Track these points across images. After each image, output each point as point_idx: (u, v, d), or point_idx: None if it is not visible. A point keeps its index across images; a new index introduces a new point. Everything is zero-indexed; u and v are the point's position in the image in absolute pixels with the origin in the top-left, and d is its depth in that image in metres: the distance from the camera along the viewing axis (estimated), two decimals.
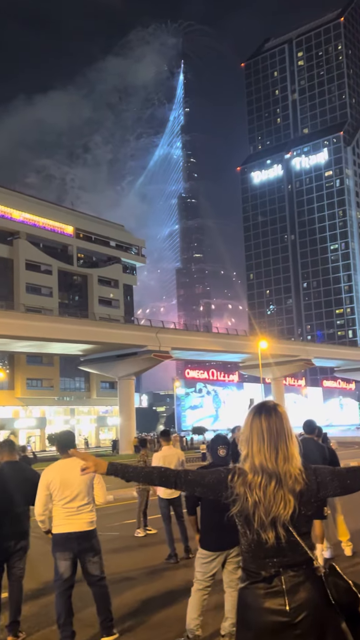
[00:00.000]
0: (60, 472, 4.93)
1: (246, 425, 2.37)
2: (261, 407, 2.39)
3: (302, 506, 2.23)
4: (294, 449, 2.31)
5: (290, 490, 2.22)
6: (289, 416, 2.39)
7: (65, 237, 69.66)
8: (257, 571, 2.22)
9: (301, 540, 2.22)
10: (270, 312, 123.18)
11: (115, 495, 17.50)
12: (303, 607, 2.13)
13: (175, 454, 8.62)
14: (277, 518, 2.20)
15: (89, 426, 70.98)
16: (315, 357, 64.82)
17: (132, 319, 67.04)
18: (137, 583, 7.02)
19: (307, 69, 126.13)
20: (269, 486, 2.22)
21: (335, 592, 2.18)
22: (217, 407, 67.08)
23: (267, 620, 2.15)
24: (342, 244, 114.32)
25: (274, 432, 2.29)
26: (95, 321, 50.26)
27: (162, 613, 5.75)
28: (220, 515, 4.65)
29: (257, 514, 2.21)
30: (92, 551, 4.93)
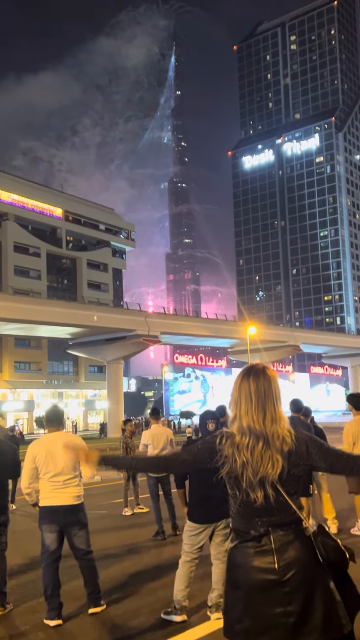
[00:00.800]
0: (46, 446, 4.94)
1: (235, 387, 2.38)
2: (250, 370, 2.39)
3: (291, 466, 2.25)
4: (281, 411, 2.33)
5: (278, 450, 2.24)
6: (277, 378, 2.39)
7: (54, 220, 69.10)
8: (247, 530, 2.24)
9: (290, 500, 2.23)
10: (259, 298, 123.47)
11: (103, 476, 17.59)
12: (291, 565, 2.15)
13: (164, 432, 8.63)
14: (266, 478, 2.22)
15: (77, 410, 71.04)
16: (303, 343, 65.21)
17: (121, 303, 66.88)
18: (124, 558, 7.07)
19: (299, 53, 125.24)
20: (257, 447, 2.24)
21: (324, 551, 2.20)
22: (205, 392, 67.38)
23: (256, 578, 2.16)
24: (332, 231, 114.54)
25: (262, 393, 2.30)
26: (84, 304, 50.09)
27: (150, 585, 5.80)
28: (209, 488, 4.70)
29: (246, 474, 2.24)
30: (78, 525, 4.94)
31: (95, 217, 74.42)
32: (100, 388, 64.53)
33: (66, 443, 4.91)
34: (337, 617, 2.14)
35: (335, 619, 2.14)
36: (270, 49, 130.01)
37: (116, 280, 78.22)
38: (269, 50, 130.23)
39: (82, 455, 2.48)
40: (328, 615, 2.13)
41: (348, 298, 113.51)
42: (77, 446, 4.95)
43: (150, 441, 8.45)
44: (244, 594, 2.18)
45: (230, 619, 2.23)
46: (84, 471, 5.07)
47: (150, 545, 7.77)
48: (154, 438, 8.45)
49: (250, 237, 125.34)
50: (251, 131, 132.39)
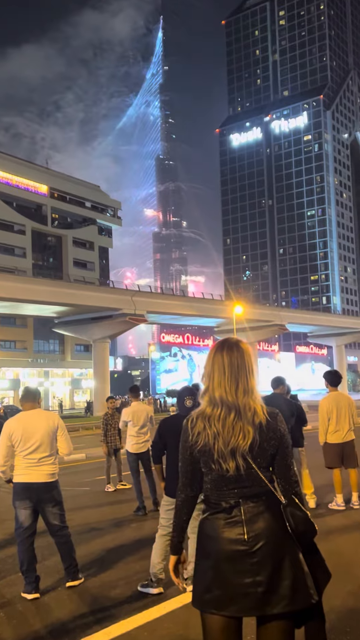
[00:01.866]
0: (22, 423, 4.92)
1: (208, 360, 2.39)
2: (223, 343, 2.40)
3: (263, 439, 2.26)
4: (254, 383, 2.33)
5: (250, 422, 2.26)
6: (252, 352, 2.40)
7: (40, 197, 68.21)
8: (218, 502, 2.27)
9: (260, 472, 2.26)
10: (246, 278, 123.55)
11: (87, 453, 17.68)
12: (261, 536, 2.18)
13: (144, 409, 8.70)
14: (237, 448, 2.23)
15: (63, 388, 71.11)
16: (289, 323, 65.53)
17: (108, 282, 66.52)
18: (104, 533, 7.14)
19: (288, 29, 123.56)
20: (228, 417, 2.26)
21: (293, 522, 2.22)
22: (192, 371, 67.68)
23: (226, 548, 2.19)
24: (319, 210, 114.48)
25: (235, 366, 2.31)
26: (70, 283, 49.72)
27: (128, 559, 5.88)
28: None
29: (217, 445, 2.24)
30: (52, 502, 4.94)
31: (81, 195, 73.58)
32: (87, 367, 64.55)
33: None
34: (305, 587, 2.18)
35: (303, 589, 2.17)
36: (259, 24, 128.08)
37: (102, 258, 77.70)
38: (258, 25, 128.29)
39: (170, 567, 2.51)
40: (296, 585, 2.16)
41: (334, 278, 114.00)
42: (54, 424, 4.99)
43: (130, 418, 8.53)
44: (214, 564, 2.20)
45: (199, 588, 2.25)
46: (61, 448, 5.07)
47: (131, 520, 7.85)
48: (134, 415, 8.53)
49: (237, 216, 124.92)
50: (239, 108, 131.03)
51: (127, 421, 8.55)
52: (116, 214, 79.77)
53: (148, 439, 8.52)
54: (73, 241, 71.44)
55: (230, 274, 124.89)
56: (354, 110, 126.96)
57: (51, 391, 68.67)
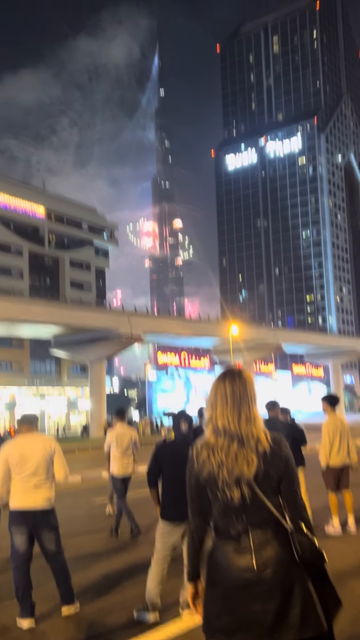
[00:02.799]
0: (19, 448, 4.93)
1: (212, 390, 2.43)
2: (226, 373, 2.44)
3: (267, 466, 2.28)
4: (256, 411, 2.37)
5: (253, 450, 2.28)
6: (254, 380, 2.44)
7: (37, 219, 68.64)
8: (226, 529, 2.28)
9: (266, 500, 2.26)
10: (242, 298, 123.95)
11: (83, 476, 17.57)
12: (269, 564, 2.19)
13: (127, 433, 8.73)
14: (241, 477, 2.25)
15: (59, 410, 70.65)
16: (285, 343, 65.63)
17: (104, 303, 66.70)
18: (100, 558, 7.10)
19: (282, 55, 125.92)
20: (231, 447, 2.28)
21: (300, 550, 2.22)
22: (188, 391, 67.51)
23: (235, 576, 2.20)
24: (314, 231, 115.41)
25: (237, 395, 2.34)
26: (67, 304, 49.90)
27: (124, 584, 5.85)
28: (180, 486, 4.75)
29: (221, 474, 2.27)
30: (48, 527, 4.92)
31: (78, 216, 74.08)
32: (83, 387, 64.28)
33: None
34: (315, 615, 2.17)
35: (313, 617, 2.17)
36: (253, 50, 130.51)
37: (99, 279, 77.93)
38: (252, 51, 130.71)
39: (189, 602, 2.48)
40: (305, 613, 2.16)
41: (330, 298, 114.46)
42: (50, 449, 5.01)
43: (114, 441, 8.57)
44: (223, 592, 2.21)
45: (209, 615, 2.26)
46: (58, 473, 5.06)
47: (127, 544, 7.82)
48: (117, 438, 8.57)
49: (233, 237, 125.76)
50: (234, 131, 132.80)
51: (110, 443, 8.60)
52: (113, 235, 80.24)
53: (132, 462, 8.58)
54: (70, 262, 71.70)
55: (227, 293, 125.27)
56: (348, 134, 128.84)
57: (47, 412, 68.25)
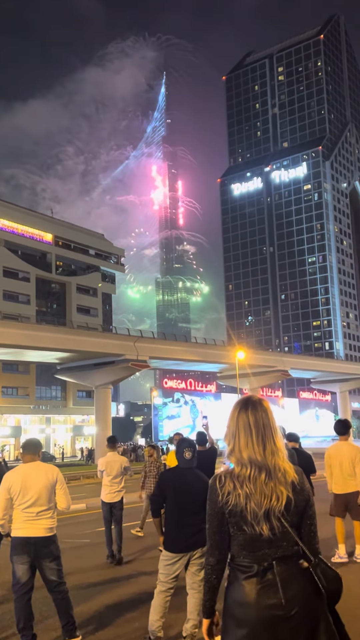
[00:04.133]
0: (21, 477, 4.90)
1: (232, 419, 2.35)
2: (247, 402, 2.37)
3: (295, 498, 2.23)
4: (280, 443, 2.31)
5: (281, 482, 2.22)
6: (272, 410, 2.39)
7: (44, 245, 69.36)
8: (250, 565, 2.18)
9: (293, 532, 2.21)
10: (248, 323, 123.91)
11: (88, 504, 17.40)
12: (296, 600, 2.10)
13: (118, 460, 8.90)
14: (270, 510, 2.18)
15: (64, 435, 70.33)
16: (292, 368, 65.29)
17: (111, 328, 66.82)
18: (104, 588, 7.00)
19: (287, 84, 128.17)
20: (259, 478, 2.21)
21: (325, 581, 2.16)
22: (195, 417, 66.99)
23: (263, 615, 2.09)
24: (320, 257, 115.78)
25: (261, 426, 2.28)
26: (73, 329, 49.96)
27: (127, 616, 5.76)
28: (185, 516, 4.73)
29: (249, 506, 2.18)
30: (49, 557, 4.87)
31: (85, 242, 74.81)
32: (89, 413, 64.02)
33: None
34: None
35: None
36: (259, 80, 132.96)
37: (105, 304, 78.32)
38: (257, 80, 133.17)
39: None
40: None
41: (336, 323, 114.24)
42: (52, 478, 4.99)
43: (104, 468, 8.75)
44: (250, 631, 2.09)
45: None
46: (60, 502, 5.02)
47: (131, 574, 7.71)
48: (107, 465, 8.75)
49: (239, 263, 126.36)
50: (240, 159, 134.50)
51: (102, 470, 8.78)
52: (119, 261, 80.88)
53: (121, 490, 8.79)
54: (77, 288, 72.19)
55: (233, 319, 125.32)
56: (353, 161, 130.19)
57: (53, 438, 67.94)
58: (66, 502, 5.05)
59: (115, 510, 8.69)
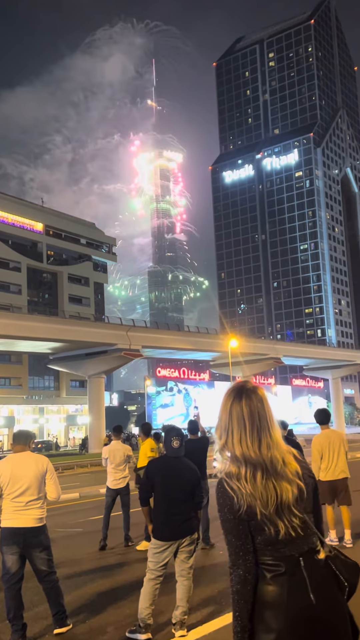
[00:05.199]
0: (11, 466, 4.90)
1: (224, 409, 2.14)
2: (241, 390, 2.16)
3: (304, 486, 2.09)
4: (277, 435, 2.13)
5: (283, 476, 2.06)
6: (268, 398, 2.20)
7: (35, 234, 68.97)
8: (276, 564, 2.01)
9: (311, 522, 2.08)
10: (241, 311, 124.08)
11: (81, 493, 17.46)
12: (325, 597, 1.98)
13: (121, 448, 9.12)
14: (280, 506, 2.02)
15: (58, 425, 70.43)
16: (285, 356, 65.53)
17: (103, 317, 66.68)
18: (95, 576, 7.05)
19: (278, 70, 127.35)
20: (257, 477, 2.04)
21: (346, 572, 2.04)
22: (188, 405, 67.20)
23: (295, 615, 1.94)
24: (312, 244, 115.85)
25: (256, 417, 2.09)
26: (65, 319, 49.81)
27: (117, 603, 5.80)
28: (173, 505, 4.75)
29: (258, 506, 2.01)
30: (39, 547, 4.89)
31: (76, 232, 74.44)
32: (82, 403, 64.13)
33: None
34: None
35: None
36: (249, 66, 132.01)
37: (98, 294, 78.11)
38: (248, 67, 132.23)
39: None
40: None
41: (328, 310, 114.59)
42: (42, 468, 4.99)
43: (107, 455, 9.05)
44: (280, 635, 1.94)
45: None
46: (50, 492, 5.02)
47: (123, 562, 7.76)
48: (110, 453, 9.02)
49: (231, 251, 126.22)
50: (231, 146, 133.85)
51: (105, 458, 9.07)
52: (111, 250, 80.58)
53: (125, 476, 9.07)
54: (68, 277, 71.91)
55: (225, 307, 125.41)
56: (344, 147, 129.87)
57: (46, 428, 67.99)
58: (56, 492, 5.04)
59: (122, 496, 9.00)
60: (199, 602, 5.48)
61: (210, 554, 7.80)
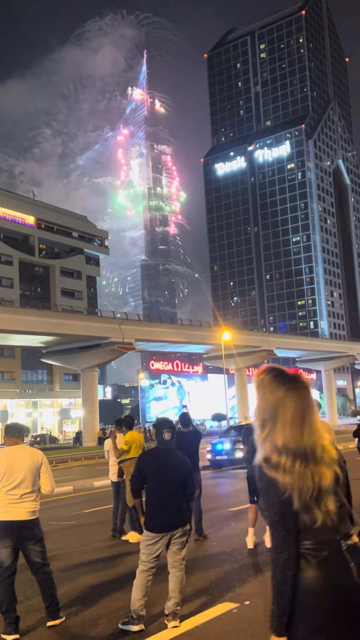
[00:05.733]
0: (6, 458, 4.89)
1: (265, 395, 2.08)
2: (284, 377, 2.09)
3: (341, 472, 2.09)
4: (317, 421, 2.11)
5: (322, 460, 2.04)
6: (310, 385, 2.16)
7: (27, 228, 68.62)
8: (319, 550, 1.99)
9: (349, 507, 2.08)
10: (234, 304, 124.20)
11: (75, 486, 17.48)
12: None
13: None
14: (319, 492, 2.01)
15: (52, 419, 70.40)
16: (277, 348, 65.70)
17: (96, 311, 66.59)
18: (89, 568, 7.06)
19: (269, 62, 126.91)
20: (295, 466, 2.01)
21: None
22: (182, 398, 67.39)
23: (344, 600, 1.91)
24: (304, 236, 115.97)
25: (301, 409, 2.05)
26: (57, 313, 49.67)
27: (110, 595, 5.81)
28: (165, 497, 4.75)
29: (296, 495, 2.00)
30: (33, 539, 4.90)
31: (68, 225, 74.10)
32: (76, 396, 64.09)
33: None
34: None
35: None
36: (241, 57, 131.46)
37: (90, 287, 77.91)
38: (239, 58, 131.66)
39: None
40: None
41: (321, 302, 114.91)
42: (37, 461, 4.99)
43: (109, 448, 9.19)
44: (328, 624, 1.90)
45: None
46: (44, 485, 5.03)
47: (116, 555, 7.78)
48: (113, 446, 9.05)
49: (224, 244, 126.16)
50: (223, 138, 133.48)
51: (107, 451, 9.25)
52: (103, 243, 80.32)
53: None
54: (61, 271, 71.65)
55: (218, 300, 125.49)
56: (335, 139, 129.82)
57: (40, 422, 67.95)
58: (50, 486, 5.05)
59: (121, 489, 9.03)
60: (192, 593, 5.51)
61: (202, 545, 7.83)
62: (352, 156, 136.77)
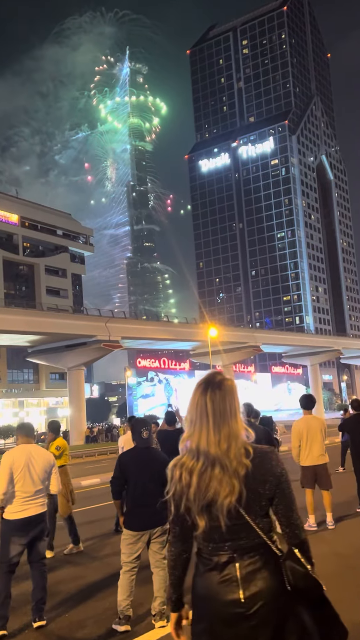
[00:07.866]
0: (24, 455, 5.06)
1: (192, 402, 2.15)
2: (207, 383, 2.15)
3: (255, 486, 2.03)
4: (237, 428, 2.08)
5: (233, 472, 2.02)
6: (235, 388, 2.16)
7: (10, 226, 68.00)
8: (210, 557, 2.04)
9: (255, 523, 2.02)
10: (220, 300, 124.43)
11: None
12: (259, 596, 1.95)
13: None
14: (217, 503, 2.00)
15: (38, 418, 69.97)
16: (264, 344, 65.96)
17: (82, 309, 66.22)
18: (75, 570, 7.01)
19: (251, 58, 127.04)
20: (205, 471, 2.04)
21: (292, 579, 1.97)
22: (169, 395, 67.35)
23: (221, 611, 1.97)
24: (289, 232, 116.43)
25: (218, 411, 2.07)
26: (43, 311, 49.35)
27: (99, 596, 5.78)
28: (144, 496, 4.72)
29: (191, 498, 2.04)
30: (44, 531, 5.14)
31: (52, 223, 73.59)
32: (63, 395, 63.80)
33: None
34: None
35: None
36: (223, 53, 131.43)
37: (75, 285, 77.50)
38: (222, 54, 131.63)
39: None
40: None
41: (306, 298, 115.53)
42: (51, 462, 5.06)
43: (123, 444, 9.16)
44: (209, 627, 1.99)
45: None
46: (53, 485, 5.24)
47: (106, 555, 7.72)
48: (126, 443, 9.00)
49: (209, 240, 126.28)
50: (207, 135, 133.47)
51: (122, 447, 9.17)
52: (88, 241, 79.90)
53: None
54: (45, 269, 71.16)
55: (204, 296, 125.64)
56: (319, 135, 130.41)
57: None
58: (57, 487, 5.29)
59: None
60: None
61: None
62: (335, 152, 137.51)
